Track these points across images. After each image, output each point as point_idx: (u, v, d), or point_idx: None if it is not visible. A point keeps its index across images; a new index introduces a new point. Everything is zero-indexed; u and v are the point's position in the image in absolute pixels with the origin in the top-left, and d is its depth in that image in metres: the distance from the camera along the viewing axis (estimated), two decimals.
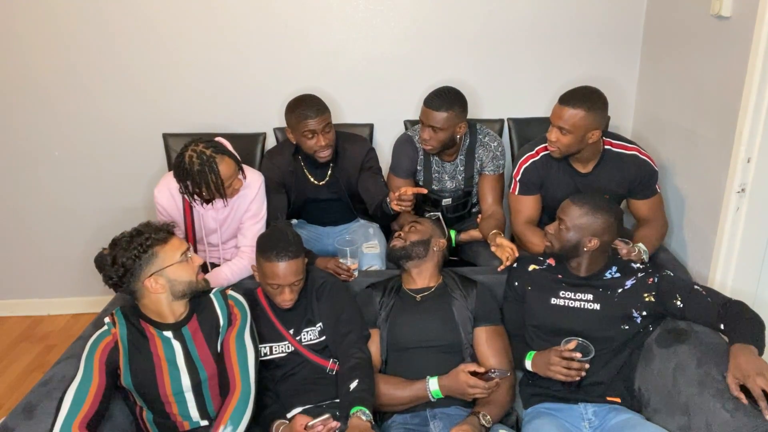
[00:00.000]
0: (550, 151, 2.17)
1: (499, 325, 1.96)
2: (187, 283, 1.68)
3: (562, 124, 2.05)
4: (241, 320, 1.76)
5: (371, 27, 2.79)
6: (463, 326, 1.91)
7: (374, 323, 1.96)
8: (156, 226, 1.68)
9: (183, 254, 1.68)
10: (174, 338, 1.71)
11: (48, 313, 3.28)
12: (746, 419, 1.49)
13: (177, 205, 2.22)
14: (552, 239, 1.91)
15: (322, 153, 2.30)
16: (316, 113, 2.24)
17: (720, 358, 1.67)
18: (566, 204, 1.89)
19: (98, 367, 1.64)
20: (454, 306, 1.94)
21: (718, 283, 2.20)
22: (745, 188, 2.08)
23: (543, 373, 1.80)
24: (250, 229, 2.24)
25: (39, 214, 3.08)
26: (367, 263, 2.36)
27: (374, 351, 1.92)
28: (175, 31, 2.77)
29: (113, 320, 1.72)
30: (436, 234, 2.04)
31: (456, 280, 2.02)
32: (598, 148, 2.18)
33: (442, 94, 2.29)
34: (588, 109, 2.03)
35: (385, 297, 1.99)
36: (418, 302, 1.96)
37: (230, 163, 2.06)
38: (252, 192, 2.22)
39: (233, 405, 1.64)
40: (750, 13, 1.97)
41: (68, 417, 1.56)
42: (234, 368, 1.69)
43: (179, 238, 1.71)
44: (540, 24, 2.78)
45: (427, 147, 2.34)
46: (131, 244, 1.61)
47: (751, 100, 1.99)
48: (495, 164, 2.43)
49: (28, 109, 2.89)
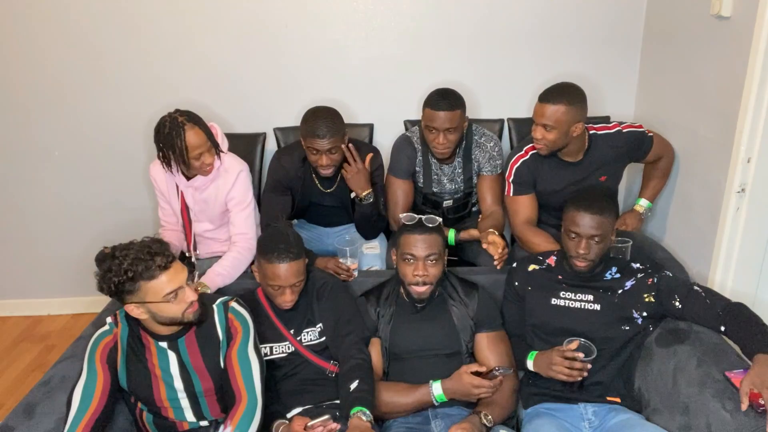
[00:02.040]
0: (537, 149, 2.20)
1: (500, 330, 1.95)
2: (170, 318, 1.61)
3: (546, 121, 2.09)
4: (242, 334, 1.72)
5: (371, 27, 2.79)
6: (463, 333, 1.90)
7: (372, 332, 1.94)
8: (160, 251, 1.56)
9: (172, 293, 1.56)
10: (169, 348, 1.69)
11: (48, 313, 3.28)
12: (746, 419, 1.50)
13: (169, 181, 2.25)
14: (590, 257, 1.82)
15: (323, 171, 2.27)
16: (324, 134, 2.16)
17: (720, 358, 1.68)
18: (590, 218, 1.80)
19: (100, 366, 1.64)
20: (453, 313, 1.92)
21: (718, 283, 2.20)
22: (745, 188, 2.08)
23: (545, 373, 1.80)
24: (238, 216, 2.25)
25: (39, 214, 3.08)
26: (367, 263, 2.36)
27: (376, 359, 1.90)
28: (176, 31, 2.77)
29: (116, 320, 1.72)
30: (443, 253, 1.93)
31: (456, 285, 1.99)
32: (583, 139, 2.22)
33: (448, 95, 2.26)
34: (568, 104, 2.07)
35: (382, 306, 1.96)
36: (417, 310, 1.93)
37: (199, 133, 2.08)
38: (230, 177, 2.22)
39: (239, 416, 1.60)
40: (750, 13, 1.97)
41: (77, 415, 1.56)
42: (238, 382, 1.66)
43: (176, 272, 1.57)
44: (540, 24, 2.78)
45: (445, 152, 2.31)
46: (122, 265, 1.53)
47: (751, 100, 1.99)
48: (492, 164, 2.42)
49: (28, 109, 2.89)
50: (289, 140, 2.73)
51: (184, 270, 1.62)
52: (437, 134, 2.26)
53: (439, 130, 2.25)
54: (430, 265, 1.84)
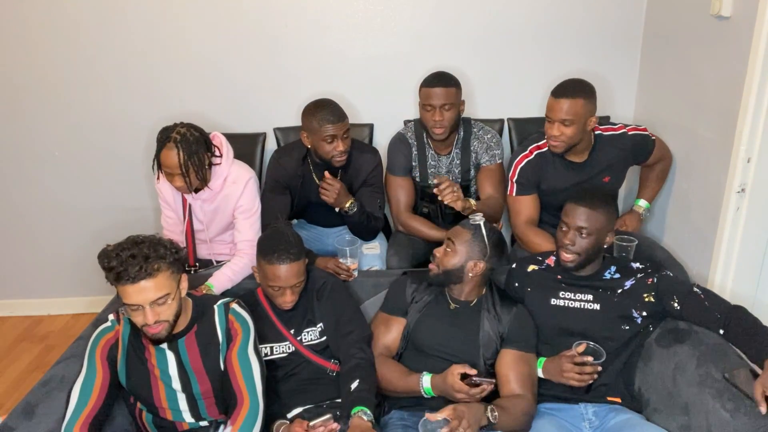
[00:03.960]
0: (552, 147, 2.19)
1: (530, 353, 1.83)
2: (137, 324, 1.59)
3: (564, 116, 2.10)
4: (242, 336, 1.71)
5: (371, 27, 2.79)
6: (484, 348, 1.84)
7: (401, 310, 1.92)
8: (144, 261, 1.51)
9: (135, 306, 1.52)
10: (168, 349, 1.68)
11: (48, 313, 3.28)
12: (746, 419, 1.50)
13: (175, 193, 2.24)
14: (576, 249, 1.83)
15: (340, 158, 2.28)
16: (338, 119, 2.22)
17: (720, 358, 1.68)
18: (579, 211, 1.82)
19: (100, 363, 1.64)
20: (483, 325, 1.86)
21: (718, 283, 2.20)
22: (745, 188, 2.08)
23: (556, 379, 1.79)
24: (243, 224, 2.24)
25: (39, 214, 3.08)
26: (367, 264, 2.36)
27: (394, 338, 1.90)
28: (176, 31, 2.77)
29: (118, 318, 1.71)
30: (473, 255, 1.82)
31: (495, 298, 1.92)
32: (590, 136, 2.24)
33: (443, 74, 2.33)
34: (585, 97, 2.11)
35: (419, 291, 1.94)
36: (450, 311, 1.90)
37: (172, 157, 2.03)
38: (239, 188, 2.21)
39: (241, 419, 1.59)
40: (750, 13, 1.97)
41: (76, 411, 1.56)
42: (240, 384, 1.65)
43: (140, 290, 1.50)
44: (540, 24, 2.78)
45: (440, 131, 2.32)
46: (121, 254, 1.50)
47: (751, 100, 1.99)
48: (490, 154, 2.43)
49: (28, 109, 2.88)
50: (289, 140, 2.73)
51: (160, 290, 1.53)
52: (434, 111, 2.29)
53: (435, 107, 2.28)
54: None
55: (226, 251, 2.36)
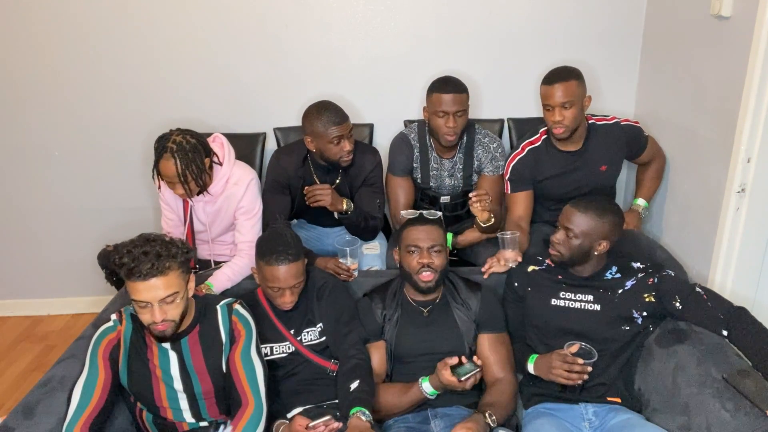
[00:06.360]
0: (557, 134, 2.23)
1: (502, 332, 1.95)
2: (143, 322, 1.59)
3: (563, 99, 2.15)
4: (245, 337, 1.72)
5: (371, 27, 2.79)
6: (466, 336, 1.91)
7: (376, 334, 1.93)
8: (157, 258, 1.52)
9: (144, 303, 1.54)
10: (171, 348, 1.69)
11: (48, 313, 3.28)
12: (746, 419, 1.50)
13: (176, 195, 2.24)
14: (560, 248, 1.87)
15: (347, 157, 2.28)
16: (342, 119, 2.22)
17: (720, 358, 1.68)
18: (570, 211, 1.87)
19: (102, 362, 1.64)
20: (457, 316, 1.93)
21: (718, 283, 2.20)
22: (745, 188, 2.08)
23: (545, 376, 1.80)
24: (245, 225, 2.24)
25: (39, 214, 3.08)
26: (367, 264, 2.36)
27: (379, 362, 1.90)
28: (176, 31, 2.77)
29: (120, 318, 1.72)
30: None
31: (459, 285, 2.00)
32: (585, 123, 2.29)
33: (453, 80, 2.32)
34: (577, 78, 2.18)
35: (387, 309, 1.95)
36: (424, 317, 1.94)
37: (170, 168, 2.04)
38: (241, 189, 2.22)
39: (245, 420, 1.60)
40: (750, 13, 1.97)
41: (77, 411, 1.57)
42: (243, 385, 1.65)
43: (150, 288, 1.52)
44: (540, 24, 2.78)
45: (453, 137, 2.31)
46: (133, 250, 1.52)
47: (751, 100, 1.98)
48: (494, 165, 2.43)
49: (28, 109, 2.89)
50: (289, 140, 2.73)
51: (170, 289, 1.54)
52: (447, 117, 2.28)
53: (449, 114, 2.27)
54: (435, 255, 1.87)
55: (227, 252, 2.36)
